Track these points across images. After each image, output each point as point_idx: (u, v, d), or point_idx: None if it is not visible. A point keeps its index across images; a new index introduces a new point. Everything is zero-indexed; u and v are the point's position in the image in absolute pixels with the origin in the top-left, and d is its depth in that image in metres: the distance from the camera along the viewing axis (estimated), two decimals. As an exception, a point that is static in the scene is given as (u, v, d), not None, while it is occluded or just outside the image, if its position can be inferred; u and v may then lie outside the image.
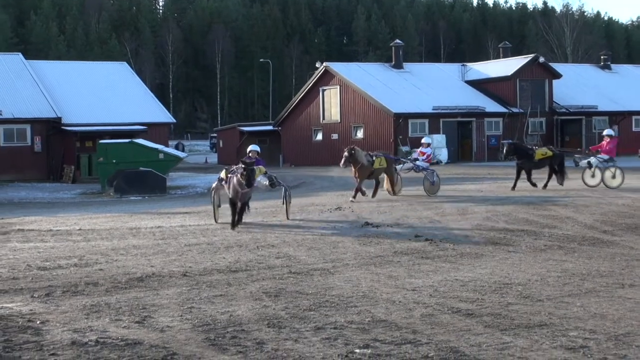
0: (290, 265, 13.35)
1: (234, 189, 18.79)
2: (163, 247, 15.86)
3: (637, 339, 8.24)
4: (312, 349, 8.10)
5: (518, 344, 8.11)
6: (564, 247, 14.95)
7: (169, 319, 9.56)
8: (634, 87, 64.04)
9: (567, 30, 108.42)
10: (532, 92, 56.75)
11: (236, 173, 18.85)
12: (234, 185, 18.75)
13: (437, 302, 10.25)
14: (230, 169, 19.87)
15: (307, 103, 59.12)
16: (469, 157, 54.61)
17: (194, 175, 48.71)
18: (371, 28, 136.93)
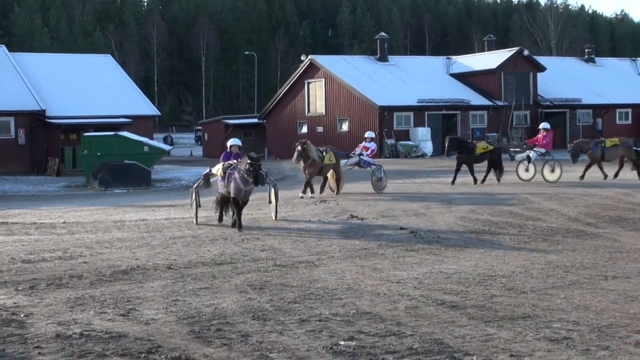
0: (275, 258, 13.36)
1: (236, 186, 17.18)
2: (148, 240, 15.83)
3: (619, 330, 8.29)
4: (297, 341, 8.12)
5: (502, 336, 8.15)
6: (547, 239, 15.02)
7: (154, 311, 9.56)
8: (617, 80, 64.26)
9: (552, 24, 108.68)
10: (516, 85, 56.85)
11: (238, 169, 17.23)
12: (236, 182, 17.15)
13: (422, 294, 10.29)
14: (228, 164, 17.96)
15: (292, 96, 59.05)
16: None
17: (179, 168, 48.56)
18: (356, 21, 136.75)
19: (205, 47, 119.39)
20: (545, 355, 7.48)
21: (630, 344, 7.77)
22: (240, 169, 17.17)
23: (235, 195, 17.35)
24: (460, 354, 7.56)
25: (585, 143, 28.69)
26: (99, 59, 61.27)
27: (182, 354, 7.69)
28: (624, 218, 17.63)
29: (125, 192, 32.29)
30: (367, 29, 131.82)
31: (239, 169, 17.23)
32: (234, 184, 17.26)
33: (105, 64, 58.83)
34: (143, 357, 7.63)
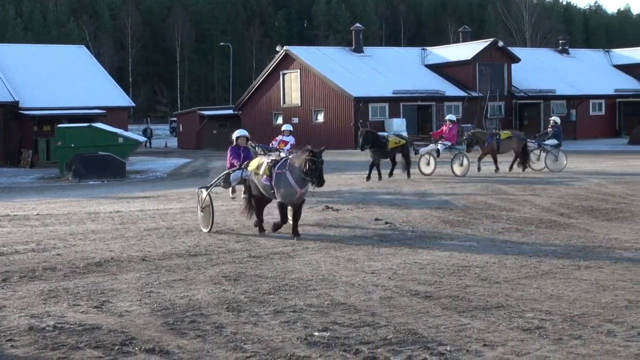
0: (250, 249, 13.35)
1: (288, 189, 14.23)
2: (122, 232, 15.77)
3: (592, 319, 8.36)
4: (272, 332, 8.13)
5: (475, 326, 8.19)
6: (521, 229, 15.11)
7: (128, 303, 9.53)
8: (591, 71, 64.66)
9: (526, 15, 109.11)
10: (491, 76, 57.05)
11: (289, 167, 14.24)
12: (288, 183, 14.21)
13: (396, 284, 10.32)
14: (274, 160, 14.84)
15: (268, 87, 58.97)
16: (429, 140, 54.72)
17: (153, 159, 48.43)
18: (331, 12, 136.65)
19: (180, 38, 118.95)
20: (518, 344, 7.53)
21: (602, 333, 7.84)
22: (295, 166, 14.17)
23: (286, 199, 14.39)
24: (434, 344, 7.60)
25: (482, 134, 28.74)
26: (73, 49, 60.88)
27: (155, 345, 7.68)
28: (597, 208, 17.76)
29: (100, 183, 32.14)
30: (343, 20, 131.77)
31: (292, 167, 14.22)
32: (285, 186, 14.27)
33: (79, 54, 58.48)
34: (116, 350, 7.60)
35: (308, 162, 13.82)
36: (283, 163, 14.44)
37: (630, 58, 67.74)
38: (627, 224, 15.59)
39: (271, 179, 14.46)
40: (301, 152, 14.28)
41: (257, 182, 14.90)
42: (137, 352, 7.54)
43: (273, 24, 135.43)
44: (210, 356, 7.41)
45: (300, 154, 14.23)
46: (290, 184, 14.15)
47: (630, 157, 36.51)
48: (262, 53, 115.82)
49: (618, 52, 71.61)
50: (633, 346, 7.40)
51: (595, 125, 61.03)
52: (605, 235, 14.21)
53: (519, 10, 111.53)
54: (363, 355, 7.31)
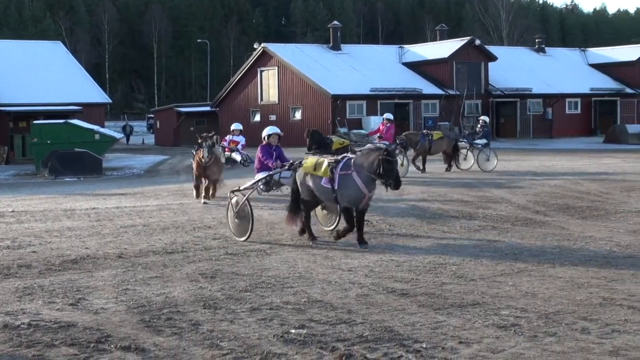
0: (227, 247, 13.34)
1: (355, 193, 12.85)
2: (98, 229, 15.72)
3: (566, 317, 8.42)
4: (248, 329, 8.13)
5: (451, 323, 8.23)
6: (497, 227, 15.18)
7: (104, 301, 9.50)
8: (567, 70, 65.00)
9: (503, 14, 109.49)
10: (468, 75, 57.23)
11: (357, 166, 12.87)
12: (356, 185, 12.82)
13: (373, 282, 10.35)
14: (335, 159, 13.41)
15: (245, 84, 58.87)
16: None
17: (130, 156, 48.21)
18: (309, 9, 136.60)
19: (158, 35, 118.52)
20: (493, 341, 7.57)
21: (576, 330, 7.90)
22: (363, 166, 12.85)
23: (351, 203, 12.99)
24: (409, 341, 7.63)
25: (414, 135, 28.76)
26: (49, 45, 60.44)
27: (131, 343, 7.66)
28: (572, 206, 17.88)
29: (76, 180, 31.96)
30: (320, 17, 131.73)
31: (359, 167, 12.91)
32: (352, 188, 12.89)
33: (55, 50, 58.08)
34: (92, 347, 7.58)
35: (383, 162, 12.47)
36: (347, 163, 13.05)
37: (605, 57, 68.16)
38: (602, 221, 15.71)
39: (333, 181, 13.04)
40: (370, 151, 12.96)
41: (313, 184, 13.41)
42: (113, 349, 7.53)
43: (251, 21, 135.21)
44: (187, 354, 7.40)
45: (370, 153, 12.89)
46: (358, 186, 12.82)
47: (605, 155, 36.77)
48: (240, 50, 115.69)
49: (594, 51, 72.03)
50: (607, 343, 7.46)
51: (571, 123, 61.37)
52: (580, 233, 14.30)
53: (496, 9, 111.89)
54: (339, 352, 7.33)
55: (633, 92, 64.00)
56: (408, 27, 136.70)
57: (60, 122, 39.41)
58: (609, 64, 66.56)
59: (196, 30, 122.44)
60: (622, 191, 20.50)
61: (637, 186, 21.55)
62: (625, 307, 8.78)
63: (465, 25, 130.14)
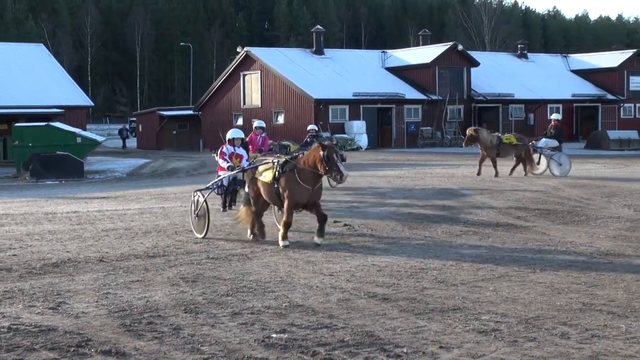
0: (209, 251, 13.33)
1: None
2: (79, 233, 15.66)
3: (546, 322, 8.46)
4: (229, 334, 8.12)
5: (432, 328, 8.26)
6: (478, 232, 15.22)
7: (84, 305, 9.47)
8: (549, 75, 65.36)
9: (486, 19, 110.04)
10: (450, 80, 57.45)
11: None
12: None
13: (354, 286, 10.36)
14: None
15: (228, 88, 58.86)
16: (389, 143, 55.05)
17: (112, 159, 48.09)
18: (293, 13, 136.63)
19: (140, 38, 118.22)
20: (474, 346, 7.60)
21: (556, 335, 7.94)
22: None
23: None
24: (390, 345, 7.64)
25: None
26: (31, 48, 60.29)
27: (112, 347, 7.64)
28: (553, 211, 17.96)
29: (57, 183, 31.85)
30: (304, 21, 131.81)
31: None
32: None
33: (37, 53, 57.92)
34: (72, 351, 7.56)
35: None
36: None
37: (587, 63, 68.59)
38: (583, 227, 15.79)
39: None
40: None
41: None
42: (94, 353, 7.50)
43: (234, 24, 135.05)
44: (167, 358, 7.39)
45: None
46: None
47: (586, 161, 36.94)
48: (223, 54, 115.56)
49: (575, 57, 72.47)
50: (586, 348, 7.50)
51: (553, 129, 61.57)
52: (561, 238, 14.37)
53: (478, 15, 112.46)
54: (320, 356, 7.34)
55: (614, 99, 64.45)
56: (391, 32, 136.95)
57: (42, 124, 39.28)
58: (590, 70, 67.00)
59: (179, 33, 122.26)
60: (603, 197, 20.61)
61: (617, 192, 21.68)
62: (605, 313, 8.83)
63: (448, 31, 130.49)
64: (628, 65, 65.77)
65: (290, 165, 13.85)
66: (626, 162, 36.08)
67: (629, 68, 65.80)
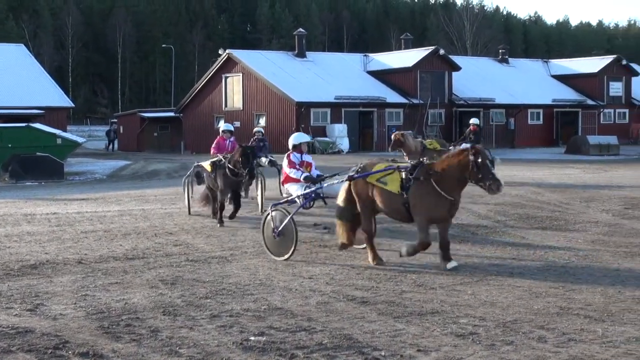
0: (188, 253, 13.31)
1: None
2: (58, 234, 15.61)
3: (524, 325, 8.50)
4: (207, 336, 8.12)
5: (410, 331, 8.28)
6: (457, 236, 15.26)
7: (63, 306, 9.44)
8: (530, 80, 65.64)
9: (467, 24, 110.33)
10: (432, 84, 57.60)
11: None
12: None
13: (333, 289, 10.38)
14: None
15: (210, 90, 58.78)
16: (370, 146, 55.12)
17: (92, 161, 47.88)
18: (275, 16, 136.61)
19: (122, 39, 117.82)
20: (451, 350, 7.63)
21: (533, 339, 7.98)
22: None
23: None
24: (369, 349, 7.66)
25: None
26: (11, 48, 59.99)
27: (90, 349, 7.62)
28: (532, 216, 18.04)
29: (37, 184, 31.70)
30: (286, 24, 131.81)
31: None
32: None
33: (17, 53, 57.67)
34: (50, 353, 7.53)
35: None
36: None
37: (567, 68, 68.96)
38: (561, 232, 15.87)
39: None
40: None
41: None
42: (71, 355, 7.48)
43: (216, 27, 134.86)
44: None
45: None
46: None
47: (566, 166, 37.14)
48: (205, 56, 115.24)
49: (556, 62, 72.83)
50: (563, 352, 7.55)
51: (533, 134, 61.98)
52: (539, 242, 14.44)
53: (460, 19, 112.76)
54: (298, 359, 7.35)
55: (594, 104, 64.81)
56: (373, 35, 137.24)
57: (21, 125, 39.08)
58: (570, 76, 67.35)
59: (161, 35, 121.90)
60: (582, 201, 20.72)
61: (596, 197, 21.80)
62: (582, 317, 8.88)
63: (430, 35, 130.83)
64: (608, 71, 66.18)
65: (423, 171, 11.73)
66: (605, 167, 36.27)
67: (609, 74, 66.22)
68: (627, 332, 8.24)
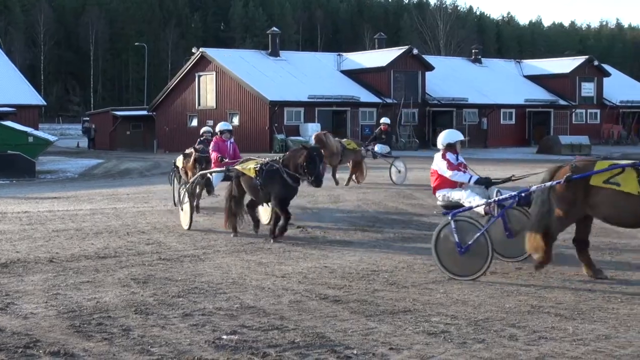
0: (160, 252, 13.27)
1: None
2: (29, 233, 15.50)
3: (495, 324, 8.55)
4: (179, 335, 8.10)
5: (382, 330, 8.30)
6: (430, 235, 15.27)
7: (34, 305, 9.38)
8: (503, 81, 65.93)
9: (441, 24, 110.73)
10: (405, 83, 57.71)
11: None
12: None
13: (306, 288, 10.39)
14: None
15: (183, 88, 58.58)
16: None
17: (64, 159, 47.61)
18: (249, 15, 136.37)
19: (94, 37, 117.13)
20: (423, 348, 7.66)
21: (504, 337, 8.03)
22: None
23: None
24: (341, 347, 7.67)
25: None
26: (-18, 45, 59.47)
27: (61, 348, 7.58)
28: (505, 215, 18.10)
29: (8, 183, 31.47)
30: (260, 23, 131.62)
31: None
32: None
33: (-12, 51, 57.15)
34: (20, 352, 7.48)
35: None
36: None
37: (540, 69, 69.35)
38: (533, 231, 15.93)
39: None
40: None
41: None
42: (42, 355, 7.44)
43: (189, 25, 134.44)
44: (117, 359, 7.35)
45: None
46: None
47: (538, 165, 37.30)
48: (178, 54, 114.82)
49: (529, 62, 73.21)
50: (534, 350, 7.60)
51: (506, 134, 62.27)
52: (511, 241, 14.49)
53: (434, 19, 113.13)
54: (271, 358, 7.35)
55: (566, 104, 65.22)
56: (347, 35, 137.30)
57: (-8, 123, 38.78)
58: (543, 76, 67.74)
59: (134, 33, 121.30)
60: (553, 201, 20.83)
61: (567, 196, 21.92)
62: (553, 315, 8.95)
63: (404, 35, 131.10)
64: (580, 72, 66.62)
65: None
66: (577, 167, 36.49)
67: (581, 74, 66.66)
68: (597, 329, 8.31)
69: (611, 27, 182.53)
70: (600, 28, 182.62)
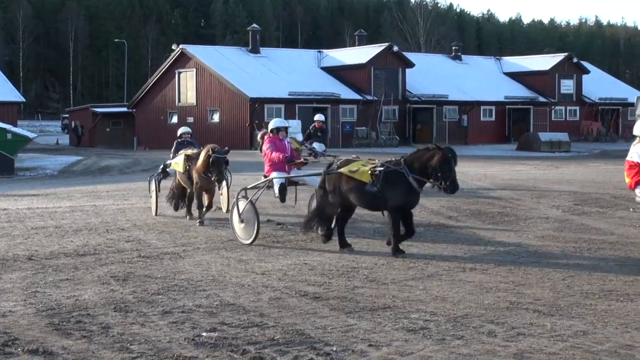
0: (140, 249, 13.24)
1: None
2: (8, 230, 15.43)
3: (474, 320, 8.59)
4: (159, 332, 8.09)
5: (362, 326, 8.33)
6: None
7: (12, 303, 9.34)
8: (483, 78, 66.20)
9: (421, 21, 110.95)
10: (386, 80, 57.81)
11: None
12: None
13: (286, 285, 10.39)
14: None
15: (163, 85, 58.43)
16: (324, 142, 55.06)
17: (44, 156, 47.37)
18: (229, 12, 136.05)
19: (74, 33, 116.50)
20: (402, 344, 7.68)
21: (483, 334, 8.06)
22: None
23: None
24: (320, 344, 7.69)
25: None
26: (-40, 42, 59.08)
27: (39, 346, 7.55)
28: (484, 212, 18.21)
29: (-14, 180, 31.30)
30: (240, 20, 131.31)
31: None
32: None
33: (-34, 47, 56.79)
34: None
35: None
36: None
37: (519, 66, 69.68)
38: (512, 227, 16.05)
39: None
40: None
41: None
42: (20, 352, 7.41)
43: (170, 21, 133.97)
44: (96, 357, 7.33)
45: None
46: None
47: (517, 162, 37.55)
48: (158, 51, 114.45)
49: (508, 59, 73.56)
50: (512, 346, 7.64)
51: (486, 130, 62.52)
52: (490, 238, 14.59)
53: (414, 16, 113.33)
54: (250, 355, 7.35)
55: (545, 101, 65.57)
56: (327, 32, 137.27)
57: (-30, 120, 38.54)
58: (522, 73, 68.07)
59: (114, 29, 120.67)
60: (533, 197, 20.96)
61: (547, 193, 22.07)
62: (531, 311, 9.00)
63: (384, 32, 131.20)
64: (559, 69, 66.99)
65: None
66: (556, 163, 36.73)
67: (560, 71, 67.02)
68: (575, 325, 8.36)
69: (590, 25, 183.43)
70: (580, 25, 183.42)
